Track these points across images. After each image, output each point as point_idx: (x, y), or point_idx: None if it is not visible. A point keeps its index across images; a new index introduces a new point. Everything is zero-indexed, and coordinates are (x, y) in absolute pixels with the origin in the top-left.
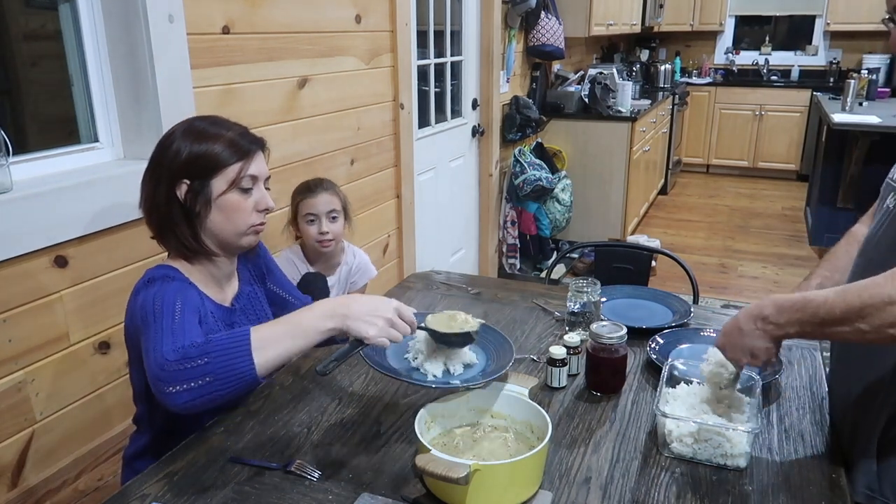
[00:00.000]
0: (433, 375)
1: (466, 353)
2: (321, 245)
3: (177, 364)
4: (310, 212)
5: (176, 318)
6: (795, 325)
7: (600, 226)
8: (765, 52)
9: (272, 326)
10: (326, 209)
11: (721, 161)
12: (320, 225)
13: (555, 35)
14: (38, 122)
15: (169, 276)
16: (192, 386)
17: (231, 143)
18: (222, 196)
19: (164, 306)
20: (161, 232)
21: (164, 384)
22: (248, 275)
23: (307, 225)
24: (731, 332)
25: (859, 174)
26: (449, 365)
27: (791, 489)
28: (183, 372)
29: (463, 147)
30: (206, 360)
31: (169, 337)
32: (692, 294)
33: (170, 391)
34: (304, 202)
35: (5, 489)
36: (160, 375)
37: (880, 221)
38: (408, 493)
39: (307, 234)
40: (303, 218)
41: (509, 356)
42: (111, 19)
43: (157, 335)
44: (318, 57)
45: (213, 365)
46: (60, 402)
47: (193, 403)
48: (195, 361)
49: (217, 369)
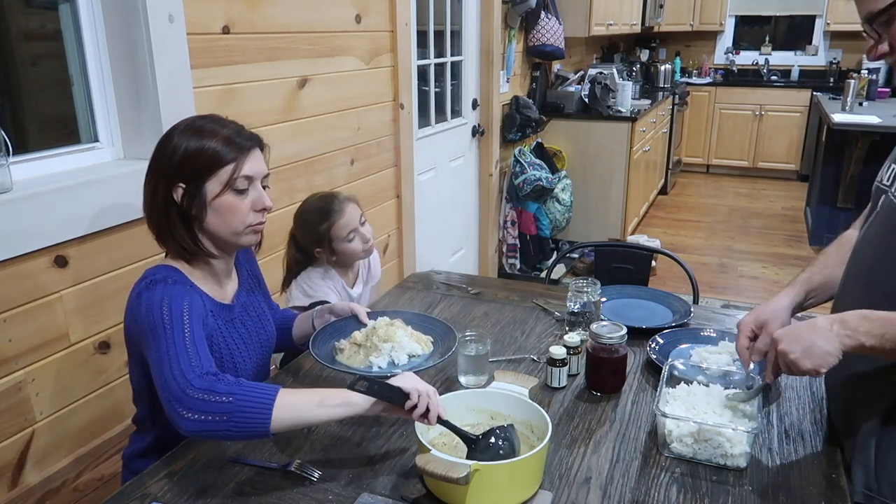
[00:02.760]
0: (378, 367)
1: (410, 343)
2: (365, 253)
3: (202, 393)
4: (349, 229)
5: (186, 333)
6: (875, 339)
7: (600, 226)
8: (765, 52)
9: (303, 395)
10: (357, 218)
11: (721, 161)
12: (362, 235)
13: (555, 35)
14: (38, 122)
15: (171, 279)
16: (207, 419)
17: (227, 141)
18: (217, 198)
19: (173, 319)
20: (161, 234)
21: (181, 407)
22: (245, 274)
23: (349, 244)
24: (803, 327)
25: (859, 174)
26: (393, 356)
27: (791, 489)
28: (204, 403)
29: (463, 147)
30: (231, 399)
31: (185, 358)
32: (692, 294)
33: (186, 416)
34: (338, 225)
35: (5, 489)
36: (181, 398)
37: (871, 223)
38: (408, 493)
39: (352, 252)
40: (343, 239)
41: (452, 341)
42: (111, 19)
43: (173, 352)
44: (318, 57)
45: (234, 406)
46: (60, 402)
47: (201, 434)
48: (220, 397)
49: (236, 413)
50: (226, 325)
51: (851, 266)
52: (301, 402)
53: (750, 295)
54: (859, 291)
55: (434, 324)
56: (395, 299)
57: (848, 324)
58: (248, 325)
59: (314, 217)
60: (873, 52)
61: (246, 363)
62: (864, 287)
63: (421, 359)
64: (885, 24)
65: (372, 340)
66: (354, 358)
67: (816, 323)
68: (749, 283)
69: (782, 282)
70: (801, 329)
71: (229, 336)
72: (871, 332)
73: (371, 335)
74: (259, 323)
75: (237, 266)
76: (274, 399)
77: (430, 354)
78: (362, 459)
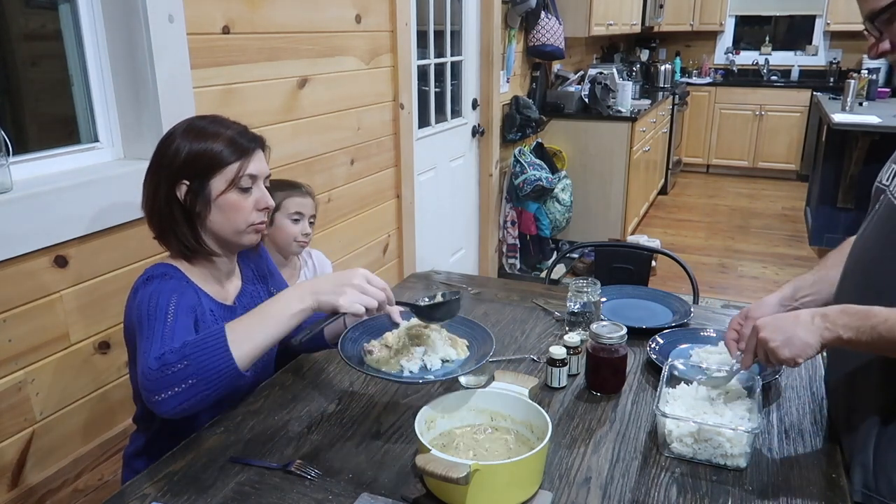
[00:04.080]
0: (409, 371)
1: (444, 347)
2: (299, 245)
3: (158, 372)
4: (299, 210)
5: (168, 322)
6: (852, 331)
7: (600, 226)
8: (765, 52)
9: (245, 319)
10: (311, 212)
11: (721, 161)
12: (305, 226)
13: (555, 35)
14: (38, 122)
15: (167, 275)
16: (176, 391)
17: (230, 142)
18: (222, 196)
19: (157, 310)
20: (162, 233)
21: (150, 393)
22: (251, 274)
23: (291, 222)
24: (786, 318)
25: (859, 174)
26: (426, 360)
27: (791, 489)
28: (165, 378)
29: (463, 147)
30: (186, 363)
31: (157, 344)
32: (692, 294)
33: (157, 399)
34: (293, 199)
35: (5, 489)
36: (146, 385)
37: (870, 222)
38: (408, 493)
39: (288, 231)
40: (288, 215)
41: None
42: (111, 19)
43: (147, 343)
44: (318, 57)
45: (193, 367)
46: (60, 402)
47: (182, 407)
48: (175, 367)
49: (199, 370)
50: None
51: (849, 264)
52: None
53: (750, 295)
54: (856, 289)
55: (472, 327)
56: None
57: (828, 317)
58: None
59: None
60: (874, 51)
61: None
62: (860, 284)
63: (455, 364)
64: (887, 23)
65: (404, 342)
66: (385, 361)
67: (799, 315)
68: (749, 283)
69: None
70: (783, 320)
71: None
72: (848, 325)
73: (403, 337)
74: None
75: (241, 267)
76: (225, 338)
77: (465, 360)
78: (362, 459)
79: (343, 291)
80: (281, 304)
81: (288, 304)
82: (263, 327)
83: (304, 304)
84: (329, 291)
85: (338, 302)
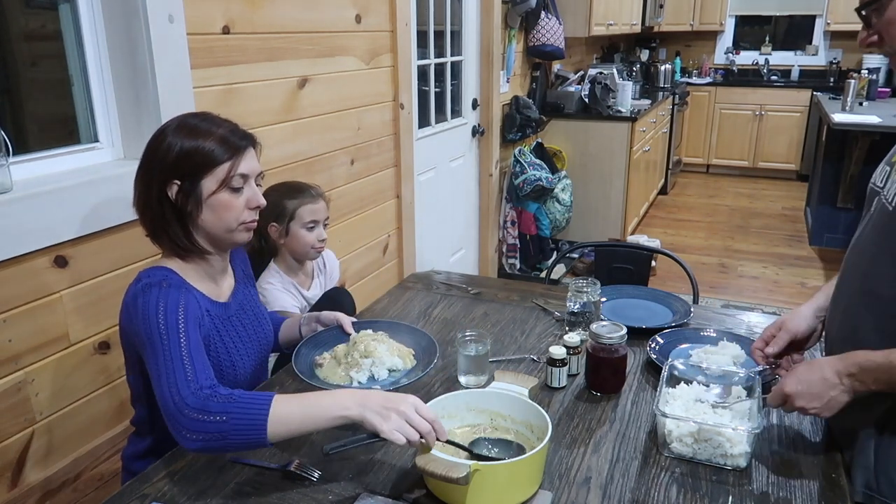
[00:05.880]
0: (357, 382)
1: (391, 358)
2: (316, 251)
3: (196, 413)
4: (313, 218)
5: (183, 342)
6: (882, 384)
7: (600, 226)
8: (765, 52)
9: (293, 401)
10: (325, 216)
11: (721, 161)
12: (320, 232)
13: (555, 35)
14: (38, 122)
15: (166, 282)
16: (207, 439)
17: (222, 140)
18: (213, 196)
19: (169, 328)
20: (154, 231)
21: (180, 427)
22: (241, 274)
23: (306, 231)
24: (814, 382)
25: (859, 174)
26: (374, 371)
27: (791, 489)
28: (200, 423)
29: (463, 147)
30: (225, 418)
31: (182, 372)
32: (692, 294)
33: (185, 436)
34: (306, 208)
35: (5, 489)
36: (178, 418)
37: (864, 226)
38: (408, 493)
39: (305, 240)
40: (304, 224)
41: (433, 354)
42: (111, 19)
43: (170, 366)
44: (318, 57)
45: (229, 424)
46: (60, 402)
47: (203, 451)
48: (214, 416)
49: (233, 430)
50: (223, 324)
51: (846, 268)
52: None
53: (750, 295)
54: (853, 294)
55: (419, 336)
56: (394, 299)
57: (855, 377)
58: (246, 324)
59: (285, 191)
60: (864, 41)
61: (244, 363)
62: (857, 289)
63: (401, 374)
64: (877, 12)
65: (353, 355)
66: (334, 372)
67: (826, 377)
68: (749, 283)
69: (782, 282)
70: (813, 385)
71: (227, 335)
72: (878, 380)
73: (352, 349)
74: (256, 321)
75: (233, 265)
76: (267, 414)
77: (411, 369)
78: (362, 459)
79: (389, 416)
80: (328, 401)
81: (336, 406)
82: (304, 418)
83: (350, 413)
84: (376, 412)
85: (381, 427)
